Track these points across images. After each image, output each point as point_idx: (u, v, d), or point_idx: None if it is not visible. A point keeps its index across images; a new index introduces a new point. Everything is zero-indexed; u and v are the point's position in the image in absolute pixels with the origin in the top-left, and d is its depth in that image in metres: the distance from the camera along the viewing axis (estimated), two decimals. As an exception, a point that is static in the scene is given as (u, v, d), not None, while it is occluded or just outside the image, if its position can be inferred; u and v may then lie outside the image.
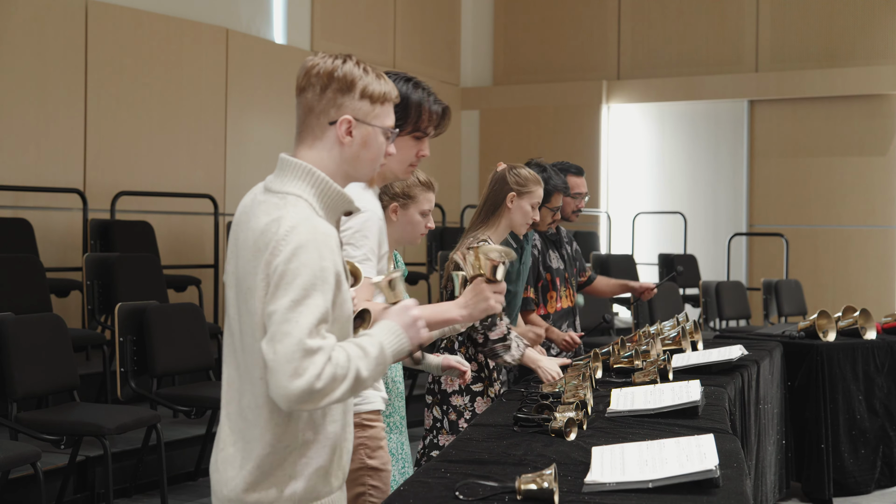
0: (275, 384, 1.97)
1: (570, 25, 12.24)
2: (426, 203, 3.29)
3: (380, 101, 2.19)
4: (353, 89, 2.15)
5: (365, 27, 10.80)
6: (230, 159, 8.90)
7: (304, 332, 1.96)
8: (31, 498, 4.83)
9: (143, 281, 6.60)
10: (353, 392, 2.05)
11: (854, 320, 5.92)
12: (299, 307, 1.98)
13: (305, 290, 1.99)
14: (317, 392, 1.97)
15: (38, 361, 4.89)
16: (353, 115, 2.15)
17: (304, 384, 1.95)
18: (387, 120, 2.21)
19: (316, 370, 1.96)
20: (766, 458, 4.98)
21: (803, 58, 11.12)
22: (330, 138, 2.16)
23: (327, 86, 2.15)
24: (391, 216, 3.24)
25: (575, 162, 5.24)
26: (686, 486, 2.26)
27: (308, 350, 1.96)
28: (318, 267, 2.01)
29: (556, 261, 4.71)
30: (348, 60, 2.18)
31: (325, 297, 2.01)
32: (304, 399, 1.97)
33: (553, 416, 2.89)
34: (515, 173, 3.97)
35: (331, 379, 1.98)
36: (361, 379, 2.03)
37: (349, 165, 2.18)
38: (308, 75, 2.16)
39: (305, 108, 2.17)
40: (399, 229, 3.26)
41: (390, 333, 2.12)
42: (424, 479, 2.41)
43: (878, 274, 10.83)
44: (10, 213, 7.15)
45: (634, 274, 10.06)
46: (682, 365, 4.04)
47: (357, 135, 2.16)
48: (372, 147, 2.19)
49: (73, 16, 7.63)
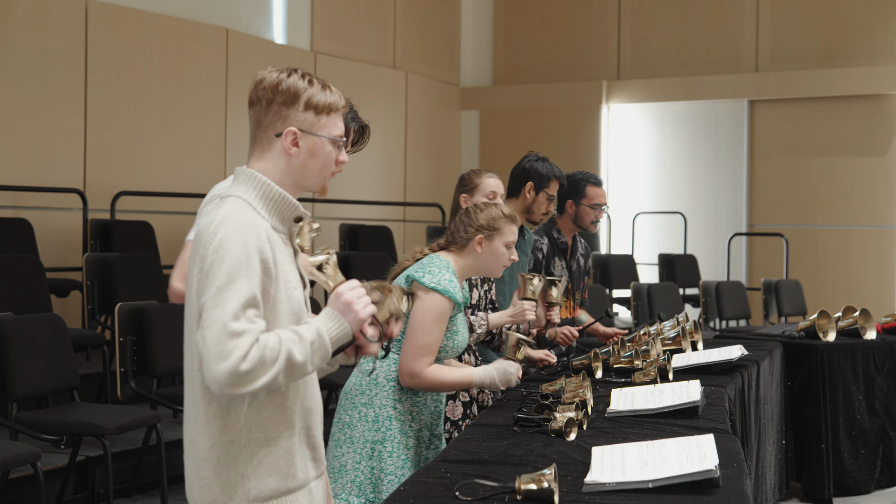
0: (205, 369, 2.02)
1: (570, 25, 12.23)
2: (510, 235, 3.38)
3: (325, 111, 2.24)
4: (297, 101, 2.21)
5: (365, 27, 10.80)
6: (230, 159, 8.90)
7: (228, 316, 2.01)
8: (31, 498, 4.82)
9: (143, 281, 6.60)
10: (289, 376, 2.07)
11: (854, 320, 5.92)
12: (224, 293, 2.03)
13: (230, 275, 2.04)
14: (243, 374, 2.00)
15: (38, 361, 4.89)
16: (298, 126, 2.21)
17: (230, 365, 1.99)
18: (333, 130, 2.26)
19: (241, 352, 1.99)
20: (766, 458, 4.98)
21: (803, 58, 11.12)
22: (277, 149, 2.22)
23: (272, 99, 2.21)
24: (476, 248, 3.33)
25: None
26: (686, 486, 2.26)
27: (232, 332, 2.00)
28: (242, 253, 2.06)
29: (560, 270, 4.69)
30: (293, 73, 2.23)
31: (250, 281, 2.05)
32: (232, 382, 2.00)
33: (553, 416, 2.89)
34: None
35: (258, 361, 2.01)
36: (296, 363, 2.06)
37: (298, 175, 2.24)
38: (256, 89, 2.24)
39: (254, 121, 2.25)
40: (483, 261, 3.35)
41: (328, 318, 2.15)
42: (424, 479, 2.42)
43: (878, 274, 10.83)
44: (10, 213, 7.15)
45: (635, 274, 10.06)
46: (682, 365, 4.04)
47: (303, 145, 2.22)
48: (319, 156, 2.24)
49: (73, 16, 7.63)
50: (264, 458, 2.14)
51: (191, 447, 2.17)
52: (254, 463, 2.13)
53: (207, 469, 2.13)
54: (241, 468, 2.12)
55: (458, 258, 3.36)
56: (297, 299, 2.20)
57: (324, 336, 2.12)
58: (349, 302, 2.16)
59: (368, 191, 10.54)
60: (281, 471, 2.16)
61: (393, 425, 3.13)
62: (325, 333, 2.12)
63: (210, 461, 2.13)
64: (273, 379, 2.04)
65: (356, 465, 3.11)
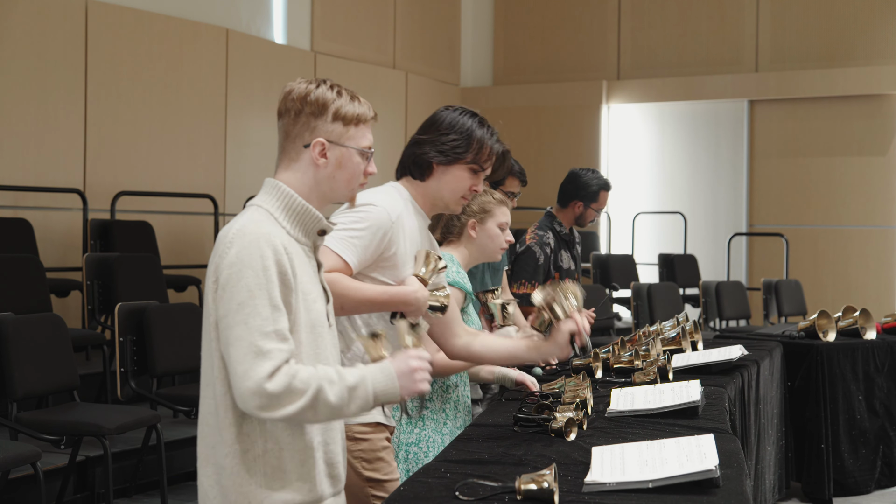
0: (233, 385, 2.03)
1: (570, 25, 12.23)
2: (502, 216, 3.40)
3: (353, 122, 2.24)
4: (325, 112, 2.21)
5: (365, 27, 10.80)
6: (230, 159, 8.90)
7: (254, 335, 2.01)
8: (31, 498, 4.82)
9: (143, 281, 6.59)
10: (318, 414, 2.05)
11: (854, 320, 5.92)
12: (246, 309, 2.03)
13: (250, 291, 2.04)
14: (270, 395, 1.99)
15: (38, 361, 4.89)
16: (327, 137, 2.22)
17: (254, 386, 1.99)
18: (362, 141, 2.26)
19: (266, 371, 2.00)
20: (765, 458, 4.98)
21: (803, 58, 11.12)
22: (305, 160, 2.23)
23: (301, 110, 2.21)
24: (470, 233, 3.35)
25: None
26: (686, 486, 2.26)
27: (258, 352, 2.00)
28: (259, 266, 2.05)
29: (568, 261, 4.84)
30: (322, 84, 2.23)
31: (270, 294, 2.04)
32: (258, 403, 2.00)
33: (553, 416, 2.89)
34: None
35: (285, 387, 2.00)
36: (327, 402, 2.04)
37: (325, 186, 2.24)
38: (285, 100, 2.24)
39: (283, 132, 2.25)
40: (479, 245, 3.37)
41: (381, 373, 2.12)
42: (424, 479, 2.41)
43: (878, 274, 10.83)
44: (10, 213, 7.15)
45: (635, 274, 10.06)
46: (682, 365, 4.04)
47: (331, 156, 2.23)
48: (347, 168, 2.24)
49: (73, 16, 7.63)
50: (278, 470, 2.12)
51: (207, 454, 2.15)
52: (268, 474, 2.12)
53: (222, 477, 2.12)
54: (256, 478, 2.11)
55: (457, 248, 3.37)
56: (317, 311, 2.18)
57: (368, 386, 2.09)
58: (414, 370, 2.14)
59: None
60: (294, 484, 2.14)
61: (427, 425, 3.13)
62: (370, 384, 2.10)
63: (225, 469, 2.11)
64: (300, 412, 2.02)
65: None
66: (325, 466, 2.21)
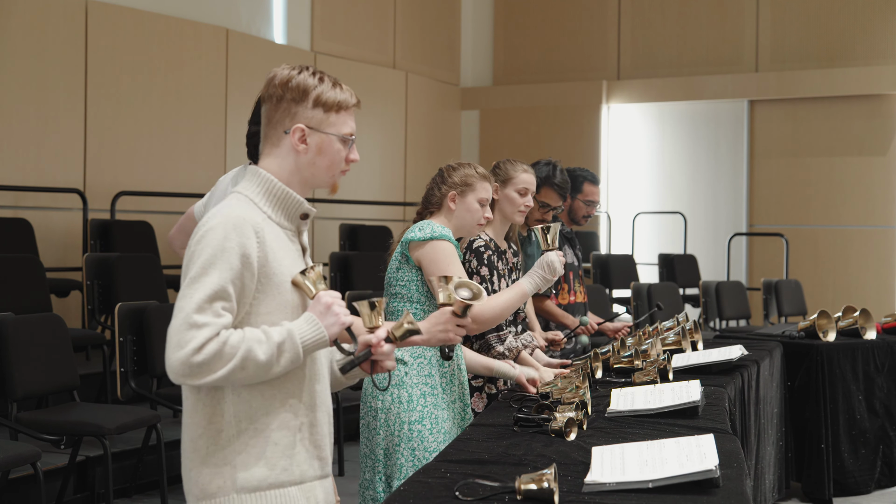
0: (165, 354, 2.06)
1: (570, 25, 12.23)
2: (483, 192, 3.38)
3: (334, 109, 2.24)
4: (306, 98, 2.22)
5: (365, 27, 10.80)
6: (230, 159, 8.90)
7: (192, 307, 2.04)
8: (31, 498, 4.82)
9: (143, 281, 6.59)
10: (249, 374, 2.07)
11: (854, 320, 5.92)
12: (195, 283, 2.06)
13: (203, 267, 2.07)
14: (195, 365, 2.02)
15: (38, 361, 4.89)
16: (307, 123, 2.22)
17: (183, 355, 2.02)
18: (343, 128, 2.26)
19: (196, 343, 2.02)
20: (765, 458, 4.98)
21: (803, 58, 11.12)
22: (286, 146, 2.23)
23: (282, 96, 2.22)
24: (449, 204, 3.33)
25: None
26: (686, 486, 2.26)
27: (192, 324, 2.03)
28: (219, 247, 2.08)
29: (570, 256, 4.91)
30: (304, 71, 2.24)
31: (222, 275, 2.06)
32: (185, 371, 2.03)
33: (553, 416, 2.89)
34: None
35: (214, 355, 2.02)
36: (257, 361, 2.06)
37: (306, 172, 2.24)
38: (268, 86, 2.25)
39: (266, 118, 2.26)
40: (458, 218, 3.35)
41: (304, 322, 2.14)
42: (424, 479, 2.41)
43: (878, 274, 10.83)
44: (10, 213, 7.15)
45: (635, 274, 10.06)
46: (682, 365, 4.04)
47: (311, 143, 2.23)
48: (327, 154, 2.25)
49: (73, 16, 7.63)
50: (253, 449, 2.15)
51: (185, 437, 2.20)
52: (242, 453, 2.14)
53: (196, 458, 2.16)
54: (229, 457, 2.14)
55: (437, 220, 3.35)
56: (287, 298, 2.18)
57: (295, 338, 2.11)
58: (329, 304, 2.15)
59: (368, 191, 10.54)
60: (271, 462, 2.16)
61: (427, 402, 3.14)
62: (297, 335, 2.11)
63: (199, 450, 2.15)
64: (229, 374, 2.05)
65: (396, 447, 3.11)
66: (311, 447, 2.22)
